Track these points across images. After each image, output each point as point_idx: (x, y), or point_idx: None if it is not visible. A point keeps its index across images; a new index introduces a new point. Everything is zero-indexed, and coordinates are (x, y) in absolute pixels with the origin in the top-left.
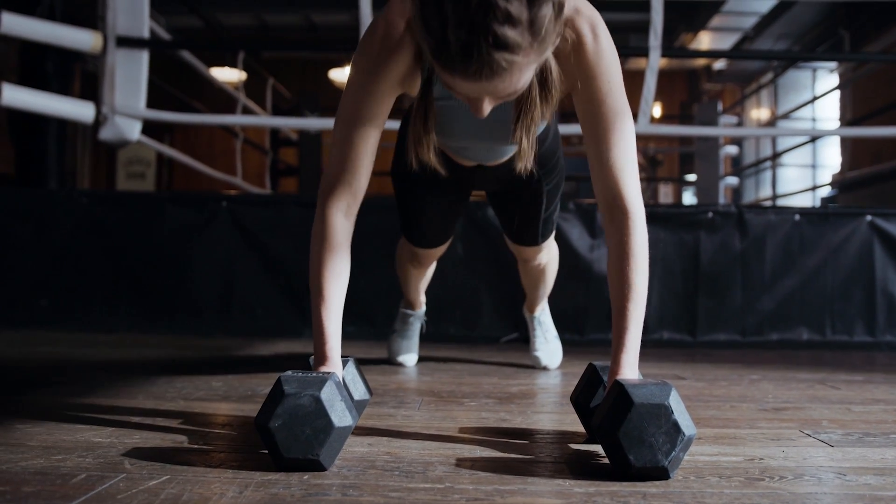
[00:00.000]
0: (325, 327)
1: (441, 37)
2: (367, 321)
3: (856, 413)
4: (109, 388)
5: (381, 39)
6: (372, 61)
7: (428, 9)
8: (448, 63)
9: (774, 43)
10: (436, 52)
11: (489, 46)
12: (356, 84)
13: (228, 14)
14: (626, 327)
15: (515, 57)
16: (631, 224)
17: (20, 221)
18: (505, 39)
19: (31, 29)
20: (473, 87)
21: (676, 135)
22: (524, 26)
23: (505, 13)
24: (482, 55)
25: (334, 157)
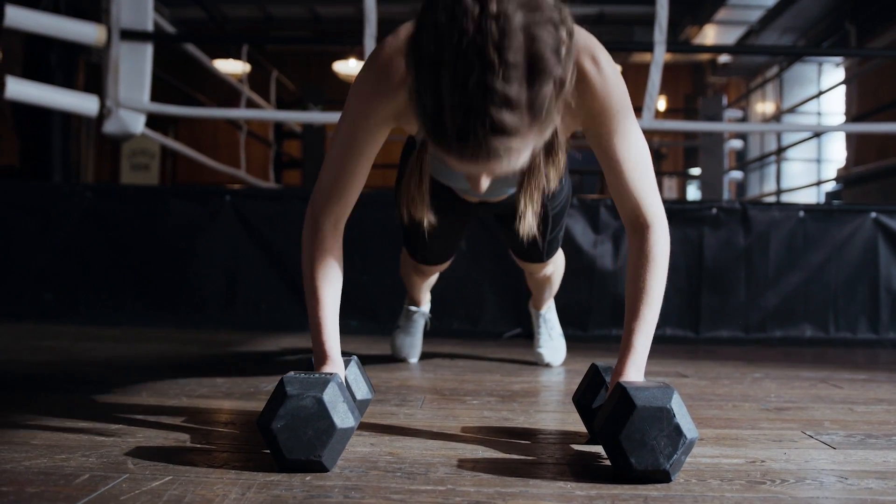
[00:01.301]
0: (323, 326)
1: (437, 117)
2: (371, 316)
3: (858, 413)
4: (113, 384)
5: (379, 73)
6: (368, 93)
7: (423, 86)
8: (443, 143)
9: (780, 36)
10: (430, 131)
11: (486, 131)
12: (353, 111)
13: (233, 6)
14: (636, 329)
15: (514, 141)
16: (652, 233)
17: (25, 215)
18: (502, 124)
19: (35, 22)
20: (470, 168)
21: (681, 129)
22: (523, 109)
23: (503, 97)
24: (479, 140)
25: (327, 173)
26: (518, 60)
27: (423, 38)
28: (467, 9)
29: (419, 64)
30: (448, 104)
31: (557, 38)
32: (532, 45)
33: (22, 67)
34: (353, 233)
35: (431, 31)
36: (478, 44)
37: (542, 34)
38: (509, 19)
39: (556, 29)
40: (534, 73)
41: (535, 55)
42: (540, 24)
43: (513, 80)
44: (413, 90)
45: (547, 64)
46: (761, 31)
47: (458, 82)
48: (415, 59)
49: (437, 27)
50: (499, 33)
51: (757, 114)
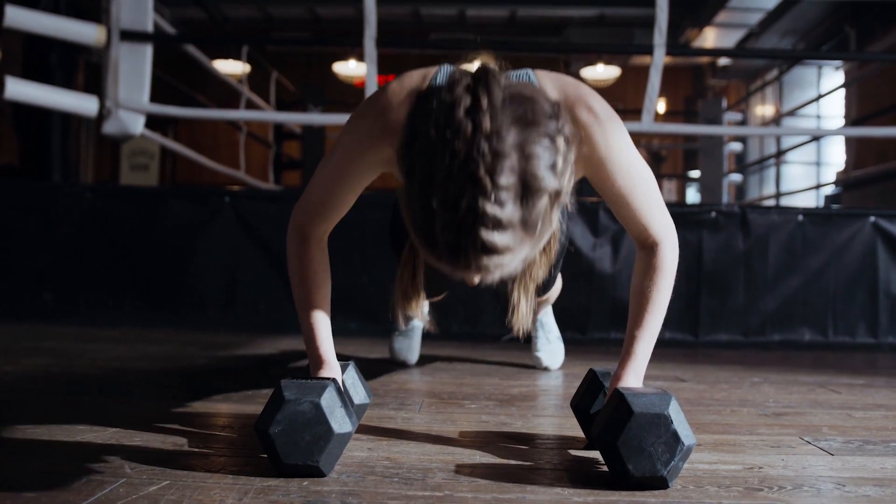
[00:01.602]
0: (316, 333)
1: (427, 230)
2: (370, 318)
3: (856, 419)
4: (111, 386)
5: (377, 118)
6: (364, 135)
7: (415, 198)
8: (433, 254)
9: (780, 39)
10: (420, 240)
11: (477, 251)
12: (347, 146)
13: (233, 6)
14: (639, 336)
15: (504, 258)
16: (661, 248)
17: (25, 215)
18: (493, 245)
19: (35, 22)
20: (460, 275)
21: (680, 133)
22: (516, 227)
23: (495, 220)
24: (469, 258)
25: (316, 192)
26: (511, 182)
27: (415, 149)
28: (459, 126)
29: (410, 174)
30: (439, 221)
31: (554, 152)
32: (527, 164)
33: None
34: (352, 234)
35: (423, 144)
36: (469, 168)
37: (538, 151)
38: (503, 140)
39: (553, 141)
40: (528, 192)
41: (529, 174)
42: (535, 140)
43: (505, 203)
44: (404, 194)
45: (542, 182)
46: (761, 33)
47: (450, 203)
48: (406, 167)
49: (428, 141)
50: (491, 155)
51: (756, 116)
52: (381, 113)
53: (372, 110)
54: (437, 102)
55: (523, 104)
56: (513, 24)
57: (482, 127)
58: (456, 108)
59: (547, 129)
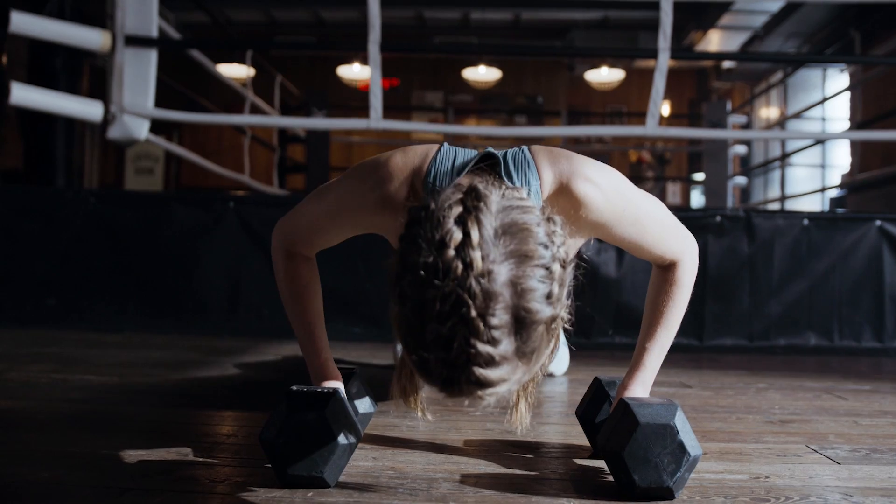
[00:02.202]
0: (315, 345)
1: (421, 360)
2: (374, 323)
3: (863, 427)
4: (116, 393)
5: (375, 186)
6: (360, 196)
7: (408, 329)
8: (428, 381)
9: (784, 42)
10: (415, 366)
11: (471, 386)
12: (343, 196)
13: (237, 10)
14: (649, 348)
15: (499, 388)
16: (679, 265)
17: (28, 220)
18: (487, 380)
19: (40, 28)
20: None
21: (685, 137)
22: (511, 359)
23: (488, 358)
24: (463, 391)
25: (305, 222)
26: (504, 321)
27: (406, 282)
28: (449, 267)
29: (403, 303)
30: (432, 356)
31: (549, 281)
32: (520, 300)
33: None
34: (356, 240)
35: (414, 280)
36: (461, 311)
37: (532, 284)
38: (494, 279)
39: (549, 270)
40: (522, 327)
41: (523, 310)
42: (529, 275)
43: (499, 341)
44: (398, 317)
45: (536, 315)
46: (765, 36)
47: (442, 344)
48: (399, 295)
49: (418, 279)
50: (483, 297)
51: (761, 119)
52: (379, 184)
53: (371, 179)
54: (428, 235)
55: (516, 235)
56: (517, 27)
57: (473, 266)
58: (446, 247)
59: (541, 259)
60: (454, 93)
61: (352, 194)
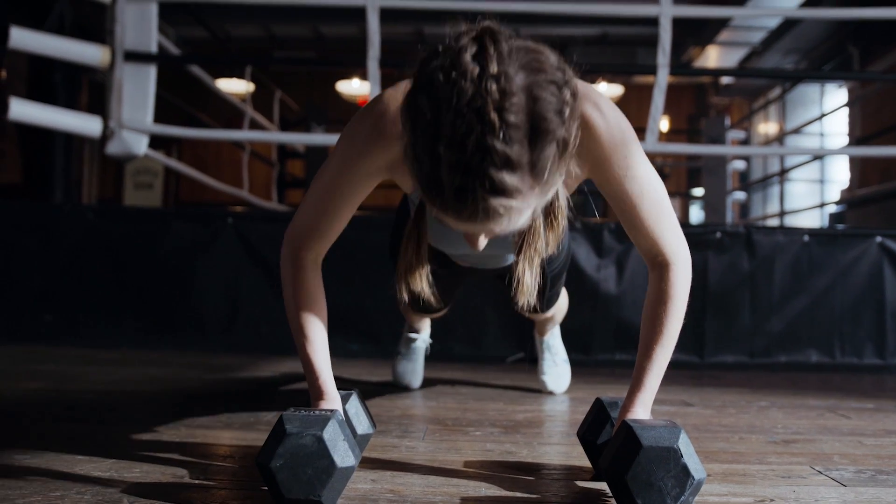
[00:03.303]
0: (315, 363)
1: (433, 176)
2: (372, 339)
3: (867, 447)
4: (111, 412)
5: (375, 124)
6: (361, 143)
7: (420, 145)
8: (440, 203)
9: (783, 58)
10: (427, 190)
11: (485, 192)
12: (342, 157)
13: (237, 25)
14: (648, 368)
15: (513, 202)
16: (672, 271)
17: (26, 235)
18: (502, 185)
19: (39, 43)
20: (468, 227)
21: (684, 153)
22: (525, 170)
23: (503, 157)
24: (477, 200)
25: (308, 210)
26: (520, 121)
27: (421, 97)
28: (466, 69)
29: (415, 123)
30: (445, 164)
31: (561, 99)
32: (534, 105)
33: (26, 85)
34: (355, 255)
35: (428, 91)
36: (477, 104)
37: (545, 95)
38: (510, 80)
39: (560, 90)
40: (536, 134)
41: (537, 116)
42: (542, 84)
43: (514, 141)
44: (409, 148)
45: (550, 125)
46: (763, 52)
47: (457, 143)
48: (411, 117)
49: (434, 86)
50: (499, 93)
51: (760, 134)
52: (378, 117)
53: (369, 116)
54: (443, 52)
55: (530, 53)
56: None
57: (489, 69)
58: (462, 53)
59: (554, 76)
60: None
61: (352, 140)
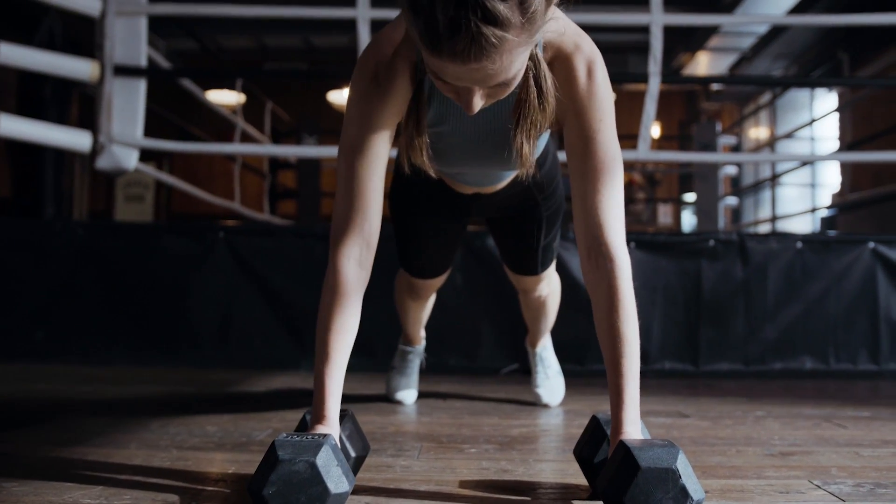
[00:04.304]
0: (327, 386)
1: (429, 15)
2: (367, 353)
3: (865, 458)
4: (102, 435)
5: (374, 66)
6: (367, 89)
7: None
8: (436, 43)
9: (772, 62)
10: (423, 34)
11: (477, 20)
12: (355, 115)
13: (228, 36)
14: (622, 384)
15: (505, 33)
16: (618, 272)
17: (16, 252)
18: (494, 13)
19: (28, 59)
20: (462, 71)
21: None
22: (514, 2)
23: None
24: (470, 29)
25: (341, 194)
26: None
27: None
28: None
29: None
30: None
31: None
32: None
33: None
34: None
35: None
36: None
37: None
38: None
39: None
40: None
41: None
42: None
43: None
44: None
45: None
46: (753, 57)
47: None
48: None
49: None
50: None
51: (751, 139)
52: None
53: (371, 59)
54: None
55: None
56: None
57: None
58: None
59: None
60: None
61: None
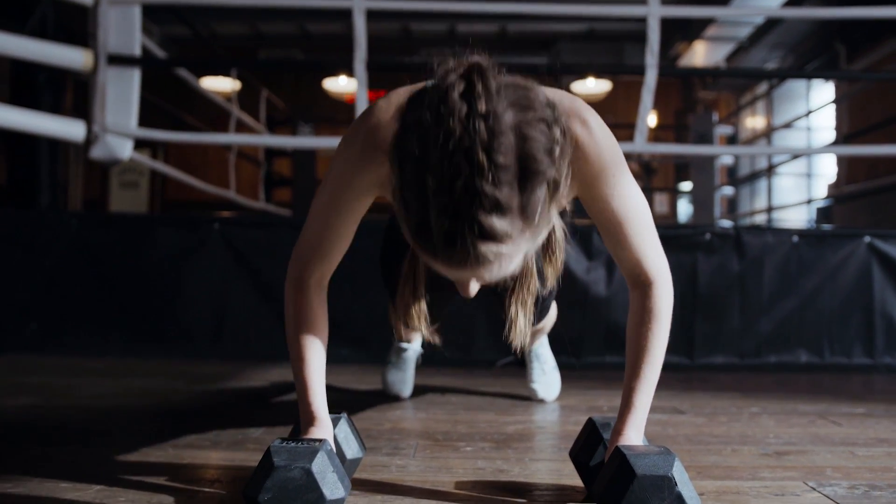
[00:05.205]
0: (310, 388)
1: (421, 221)
2: (362, 345)
3: (860, 458)
4: (96, 433)
5: (367, 138)
6: (355, 159)
7: (408, 187)
8: (428, 248)
9: (769, 52)
10: (415, 234)
11: (474, 237)
12: (338, 173)
13: (222, 23)
14: (637, 388)
15: (504, 247)
16: (655, 290)
17: (9, 244)
18: (492, 230)
19: (20, 48)
20: (458, 273)
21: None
22: (514, 213)
23: (493, 201)
24: (467, 246)
25: (311, 230)
26: (509, 162)
27: (408, 137)
28: (454, 108)
29: (403, 164)
30: (434, 208)
31: (551, 138)
32: (523, 145)
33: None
34: (343, 262)
35: (416, 131)
36: (465, 145)
37: (535, 134)
38: (499, 119)
39: (549, 128)
40: (526, 176)
41: (526, 156)
42: (531, 123)
43: (503, 184)
44: (396, 189)
45: (540, 165)
46: (750, 47)
47: (445, 185)
48: (398, 157)
49: (422, 126)
50: (488, 134)
51: (747, 129)
52: (370, 132)
53: (361, 131)
54: (431, 91)
55: (518, 90)
56: (503, 38)
57: (477, 108)
58: (450, 91)
59: (544, 114)
60: None
61: (346, 157)
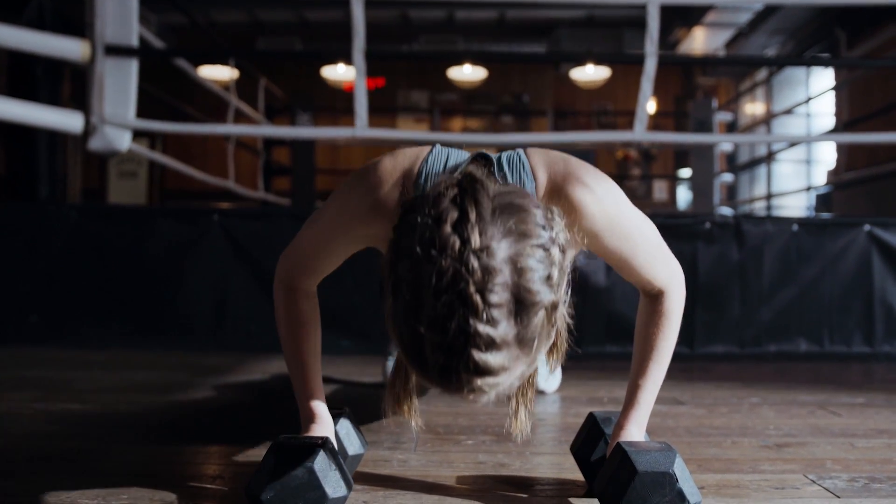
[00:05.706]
0: (308, 386)
1: (416, 351)
2: (363, 336)
3: (860, 450)
4: (98, 428)
5: (367, 194)
6: (353, 209)
7: (401, 318)
8: (423, 374)
9: (769, 38)
10: (410, 361)
11: (469, 374)
12: (335, 214)
13: (221, 11)
14: (642, 385)
15: (499, 378)
16: (667, 296)
17: (9, 236)
18: (487, 366)
19: (17, 39)
20: (453, 397)
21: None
22: (510, 345)
23: (487, 340)
24: (461, 380)
25: (305, 248)
26: (503, 299)
27: (401, 267)
28: (447, 243)
29: (396, 292)
30: (428, 343)
31: (549, 264)
32: (520, 278)
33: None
34: None
35: (409, 262)
36: (458, 286)
37: (531, 264)
38: (493, 254)
39: (548, 252)
40: (522, 308)
41: (522, 290)
42: (528, 252)
43: (498, 322)
44: (391, 314)
45: (536, 296)
46: (750, 33)
47: (438, 324)
48: (392, 285)
49: (414, 259)
50: (482, 272)
51: (747, 115)
52: (370, 191)
53: (362, 186)
54: (423, 217)
55: (514, 215)
56: (502, 25)
57: (471, 242)
58: (442, 223)
59: (540, 239)
60: (440, 92)
61: (344, 206)
